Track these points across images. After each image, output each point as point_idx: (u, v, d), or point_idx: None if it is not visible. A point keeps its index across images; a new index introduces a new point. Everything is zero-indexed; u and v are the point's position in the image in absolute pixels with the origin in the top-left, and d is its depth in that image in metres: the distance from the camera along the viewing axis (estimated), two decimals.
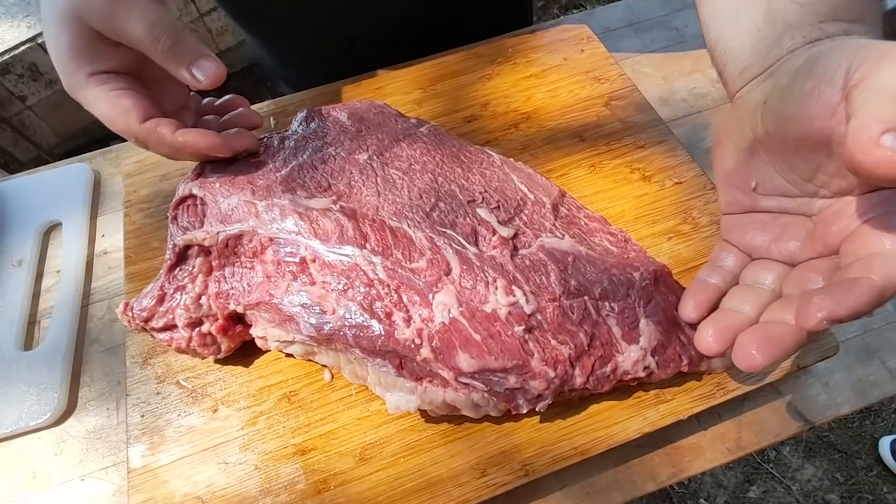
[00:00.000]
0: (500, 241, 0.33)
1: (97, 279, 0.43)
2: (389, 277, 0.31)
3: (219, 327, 0.34)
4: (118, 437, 0.37)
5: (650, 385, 0.34)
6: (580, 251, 0.34)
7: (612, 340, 0.32)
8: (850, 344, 0.38)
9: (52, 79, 1.40)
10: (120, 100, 0.32)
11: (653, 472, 0.34)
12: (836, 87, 0.23)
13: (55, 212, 0.46)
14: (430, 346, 0.30)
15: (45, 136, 1.50)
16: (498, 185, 0.37)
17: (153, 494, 0.32)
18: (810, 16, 0.28)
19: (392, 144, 0.38)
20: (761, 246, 0.30)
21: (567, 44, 0.51)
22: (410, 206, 0.34)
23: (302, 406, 0.35)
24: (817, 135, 0.24)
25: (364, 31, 0.55)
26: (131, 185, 0.44)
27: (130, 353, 0.37)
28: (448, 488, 0.31)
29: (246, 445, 0.33)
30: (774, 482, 1.11)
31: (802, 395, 0.36)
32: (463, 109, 0.47)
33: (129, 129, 0.32)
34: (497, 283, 0.31)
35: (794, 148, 0.26)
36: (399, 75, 0.50)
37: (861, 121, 0.20)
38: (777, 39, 0.28)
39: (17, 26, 1.33)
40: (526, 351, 0.30)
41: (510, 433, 0.33)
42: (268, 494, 0.32)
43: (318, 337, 0.31)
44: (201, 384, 0.36)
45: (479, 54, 0.51)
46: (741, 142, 0.30)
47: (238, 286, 0.33)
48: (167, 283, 0.34)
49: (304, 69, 0.61)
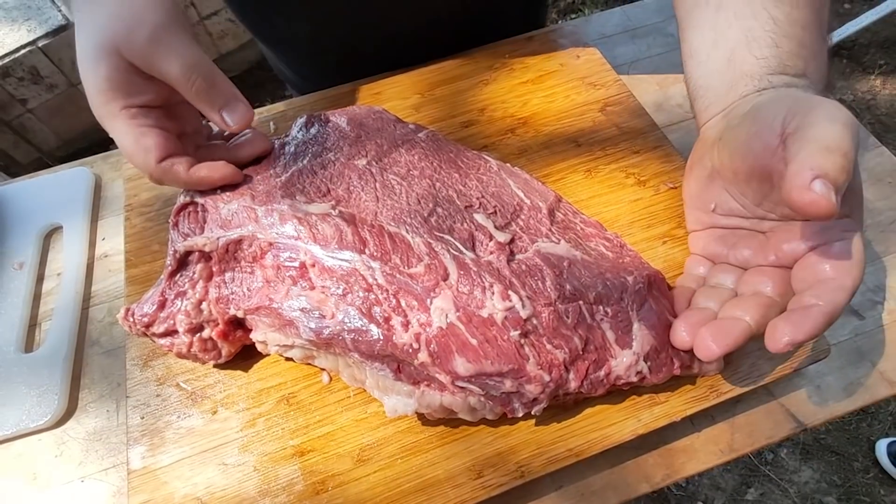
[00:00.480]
0: (497, 246, 0.34)
1: (98, 282, 0.44)
2: (388, 282, 0.32)
3: (219, 332, 0.34)
4: (118, 439, 0.37)
5: (644, 388, 0.34)
6: (575, 256, 0.34)
7: (606, 345, 0.32)
8: (841, 347, 0.38)
9: (53, 83, 1.41)
10: (143, 138, 0.33)
11: (647, 473, 0.35)
12: (775, 132, 0.28)
13: (56, 215, 0.46)
14: (428, 351, 0.30)
15: (45, 138, 1.50)
16: (495, 190, 0.38)
17: (153, 496, 0.32)
18: (762, 68, 0.32)
19: (391, 150, 0.39)
20: (721, 254, 0.34)
21: (563, 50, 0.51)
22: (409, 212, 0.35)
23: (300, 408, 0.35)
24: (761, 170, 0.30)
25: (365, 37, 0.55)
26: (132, 189, 0.45)
27: (130, 356, 0.37)
28: (445, 489, 0.32)
29: (245, 447, 0.34)
30: (772, 484, 1.12)
31: (795, 397, 0.37)
32: (460, 114, 0.48)
33: (146, 166, 0.34)
34: (493, 288, 0.32)
35: (745, 179, 0.32)
36: (398, 80, 0.51)
37: (796, 167, 0.25)
38: (734, 84, 0.33)
39: (17, 30, 1.33)
40: (522, 355, 0.30)
41: (506, 435, 0.33)
42: (267, 495, 0.32)
43: (317, 341, 0.31)
44: (201, 386, 0.36)
45: (477, 60, 0.51)
46: (703, 170, 0.35)
47: (238, 291, 0.34)
48: (168, 289, 0.34)
49: (307, 74, 0.61)
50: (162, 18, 0.32)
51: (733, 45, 0.34)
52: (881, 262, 0.42)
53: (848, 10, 1.83)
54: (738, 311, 0.29)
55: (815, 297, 0.26)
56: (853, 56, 1.72)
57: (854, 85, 1.66)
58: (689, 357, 0.33)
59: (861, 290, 0.40)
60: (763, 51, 0.33)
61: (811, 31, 0.33)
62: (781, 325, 0.26)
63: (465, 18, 0.56)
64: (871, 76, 1.67)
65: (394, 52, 0.52)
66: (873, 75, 1.67)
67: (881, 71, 1.68)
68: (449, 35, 0.54)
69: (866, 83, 1.67)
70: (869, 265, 0.42)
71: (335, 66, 0.58)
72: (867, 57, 1.71)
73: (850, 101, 1.63)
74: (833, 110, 0.26)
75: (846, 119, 0.25)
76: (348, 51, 0.56)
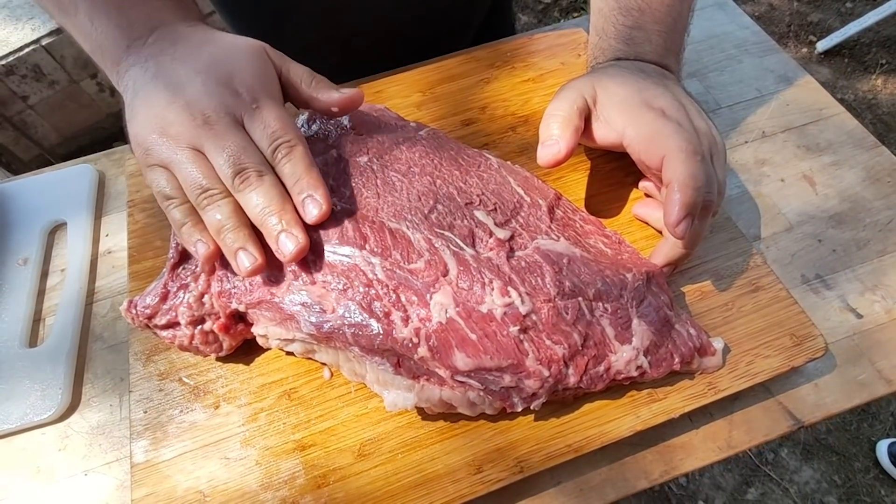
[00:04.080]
0: (497, 242, 0.34)
1: (101, 278, 0.44)
2: (388, 278, 0.32)
3: (221, 325, 0.34)
4: (121, 433, 0.37)
5: (643, 384, 0.34)
6: (575, 253, 0.35)
7: (606, 340, 0.32)
8: (839, 345, 0.39)
9: (55, 79, 1.41)
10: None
11: (645, 469, 0.35)
12: (654, 166, 0.36)
13: (60, 212, 0.47)
14: (428, 345, 0.30)
15: (45, 134, 1.51)
16: (495, 187, 0.38)
17: (156, 489, 0.33)
18: (602, 51, 0.42)
19: (392, 147, 0.39)
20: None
21: (564, 48, 0.52)
22: (409, 208, 0.35)
23: (302, 403, 0.35)
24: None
25: (358, 33, 0.56)
26: (134, 186, 0.45)
27: (133, 351, 0.38)
28: (444, 484, 0.32)
29: (247, 441, 0.34)
30: (772, 484, 1.12)
31: (793, 395, 0.37)
32: (461, 113, 0.48)
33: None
34: (493, 284, 0.32)
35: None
36: (399, 79, 0.51)
37: (669, 208, 0.33)
38: (594, 49, 0.43)
39: (21, 28, 1.34)
40: (521, 350, 0.31)
41: (505, 430, 0.34)
42: (268, 489, 0.33)
43: (317, 335, 0.32)
44: (203, 381, 0.36)
45: (478, 58, 0.52)
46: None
47: (240, 285, 0.34)
48: (170, 282, 0.35)
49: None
50: None
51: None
52: (879, 261, 0.42)
53: (850, 9, 1.83)
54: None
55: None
56: (855, 55, 1.71)
57: (855, 84, 1.66)
58: (690, 353, 0.33)
59: (859, 290, 0.41)
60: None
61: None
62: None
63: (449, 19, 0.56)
64: (873, 75, 1.67)
65: (390, 51, 0.52)
66: (874, 74, 1.67)
67: (883, 70, 1.67)
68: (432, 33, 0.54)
69: (868, 82, 1.66)
70: (867, 264, 0.42)
71: (333, 66, 0.58)
72: (869, 56, 1.71)
73: (852, 100, 1.63)
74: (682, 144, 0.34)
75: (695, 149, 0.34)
76: (346, 51, 0.56)
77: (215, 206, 0.31)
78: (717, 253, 0.40)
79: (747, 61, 0.53)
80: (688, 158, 0.33)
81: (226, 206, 0.31)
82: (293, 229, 0.31)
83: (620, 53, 0.41)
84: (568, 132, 0.36)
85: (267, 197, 0.31)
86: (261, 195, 0.31)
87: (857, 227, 0.43)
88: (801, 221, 0.44)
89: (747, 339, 0.36)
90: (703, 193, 0.33)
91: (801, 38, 1.78)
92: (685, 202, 0.33)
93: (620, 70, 0.39)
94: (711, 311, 0.37)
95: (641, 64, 0.40)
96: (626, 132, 0.36)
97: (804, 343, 0.35)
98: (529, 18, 1.89)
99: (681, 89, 0.39)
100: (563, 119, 0.37)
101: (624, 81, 0.38)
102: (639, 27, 0.40)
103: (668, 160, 0.34)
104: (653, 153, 0.35)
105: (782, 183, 0.46)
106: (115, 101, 1.55)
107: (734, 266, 0.39)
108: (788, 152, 0.48)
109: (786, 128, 0.49)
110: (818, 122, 0.49)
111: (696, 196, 0.33)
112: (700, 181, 0.33)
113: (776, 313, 0.37)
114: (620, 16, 0.41)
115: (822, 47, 1.71)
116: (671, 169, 0.34)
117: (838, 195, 0.45)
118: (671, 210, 0.33)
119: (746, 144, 0.48)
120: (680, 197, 0.33)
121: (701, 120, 0.37)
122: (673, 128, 0.35)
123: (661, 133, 0.35)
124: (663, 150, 0.34)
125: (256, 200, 0.31)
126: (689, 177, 0.33)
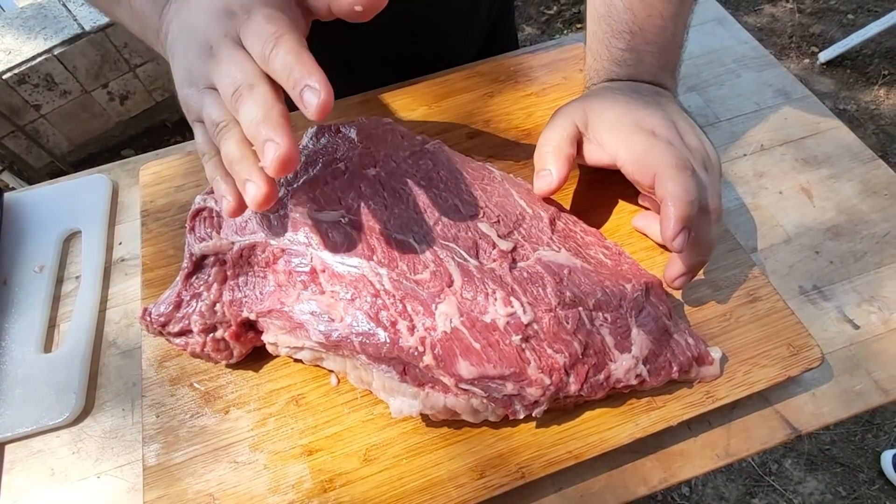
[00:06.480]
0: (500, 254, 0.35)
1: (114, 285, 0.45)
2: (395, 288, 0.33)
3: (232, 333, 0.35)
4: (133, 437, 0.38)
5: (642, 392, 0.35)
6: (575, 264, 0.36)
7: (606, 349, 0.33)
8: (836, 355, 0.39)
9: (67, 89, 1.44)
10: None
11: (645, 476, 0.35)
12: (647, 185, 0.37)
13: (75, 220, 0.48)
14: (433, 354, 0.31)
15: (57, 143, 1.53)
16: (498, 200, 0.39)
17: (167, 491, 0.34)
18: (597, 73, 0.43)
19: (399, 160, 0.40)
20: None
21: (567, 63, 0.53)
22: (415, 220, 0.36)
23: (310, 409, 0.36)
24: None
25: (359, 52, 0.57)
26: (148, 196, 0.46)
27: (146, 357, 0.39)
28: (448, 489, 0.33)
29: (256, 446, 0.35)
30: (776, 495, 1.11)
31: (790, 404, 0.37)
32: (466, 126, 0.49)
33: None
34: (496, 294, 0.33)
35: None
36: (405, 93, 0.52)
37: (665, 223, 0.34)
38: (590, 70, 0.44)
39: (34, 38, 1.37)
40: (523, 359, 0.32)
41: (507, 437, 0.35)
42: (276, 493, 0.33)
43: (326, 344, 0.33)
44: (214, 387, 0.37)
45: (482, 73, 0.53)
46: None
47: (251, 294, 0.35)
48: (184, 291, 0.36)
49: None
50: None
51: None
52: (876, 272, 0.43)
53: (852, 20, 1.84)
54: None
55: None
56: (857, 66, 1.73)
57: (858, 95, 1.67)
58: (688, 361, 0.34)
59: (856, 301, 0.41)
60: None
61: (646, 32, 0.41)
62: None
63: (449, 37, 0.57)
64: (875, 86, 1.68)
65: (394, 68, 0.53)
66: (877, 85, 1.68)
67: (885, 81, 1.68)
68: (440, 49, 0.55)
69: (870, 93, 1.67)
70: (864, 275, 0.42)
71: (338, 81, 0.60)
72: (871, 67, 1.72)
73: (854, 111, 1.64)
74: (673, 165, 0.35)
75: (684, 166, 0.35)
76: (350, 67, 0.58)
77: (225, 139, 0.28)
78: (715, 264, 0.41)
79: (746, 75, 0.55)
80: (679, 174, 0.34)
81: (233, 136, 0.28)
82: (275, 135, 0.26)
83: (614, 75, 0.42)
84: (559, 162, 0.38)
85: (255, 107, 0.26)
86: (250, 107, 0.27)
87: (854, 239, 0.44)
88: (799, 233, 0.45)
89: (745, 348, 0.37)
90: (696, 206, 0.34)
91: (804, 50, 1.79)
92: (679, 216, 0.34)
93: (612, 92, 0.40)
94: (709, 321, 0.38)
95: (636, 84, 0.41)
96: (618, 153, 0.37)
97: (801, 353, 0.36)
98: (533, 30, 1.91)
99: (675, 106, 0.40)
100: (554, 149, 0.39)
101: (615, 103, 0.39)
102: (631, 49, 0.41)
103: (659, 177, 0.35)
104: (645, 172, 0.36)
105: (780, 195, 0.47)
106: (124, 110, 1.58)
107: (732, 277, 0.40)
108: (786, 165, 0.49)
109: (784, 141, 0.50)
110: (816, 136, 0.50)
111: (689, 209, 0.34)
112: (692, 194, 0.34)
113: (773, 324, 0.38)
114: (613, 38, 0.42)
115: (824, 58, 1.72)
116: (663, 185, 0.35)
117: (836, 207, 0.46)
118: (667, 225, 0.34)
119: (745, 157, 0.49)
120: (674, 211, 0.34)
121: (693, 136, 0.38)
122: (663, 146, 0.36)
123: (652, 152, 0.36)
124: (654, 167, 0.35)
125: (245, 115, 0.27)
126: (681, 191, 0.34)
